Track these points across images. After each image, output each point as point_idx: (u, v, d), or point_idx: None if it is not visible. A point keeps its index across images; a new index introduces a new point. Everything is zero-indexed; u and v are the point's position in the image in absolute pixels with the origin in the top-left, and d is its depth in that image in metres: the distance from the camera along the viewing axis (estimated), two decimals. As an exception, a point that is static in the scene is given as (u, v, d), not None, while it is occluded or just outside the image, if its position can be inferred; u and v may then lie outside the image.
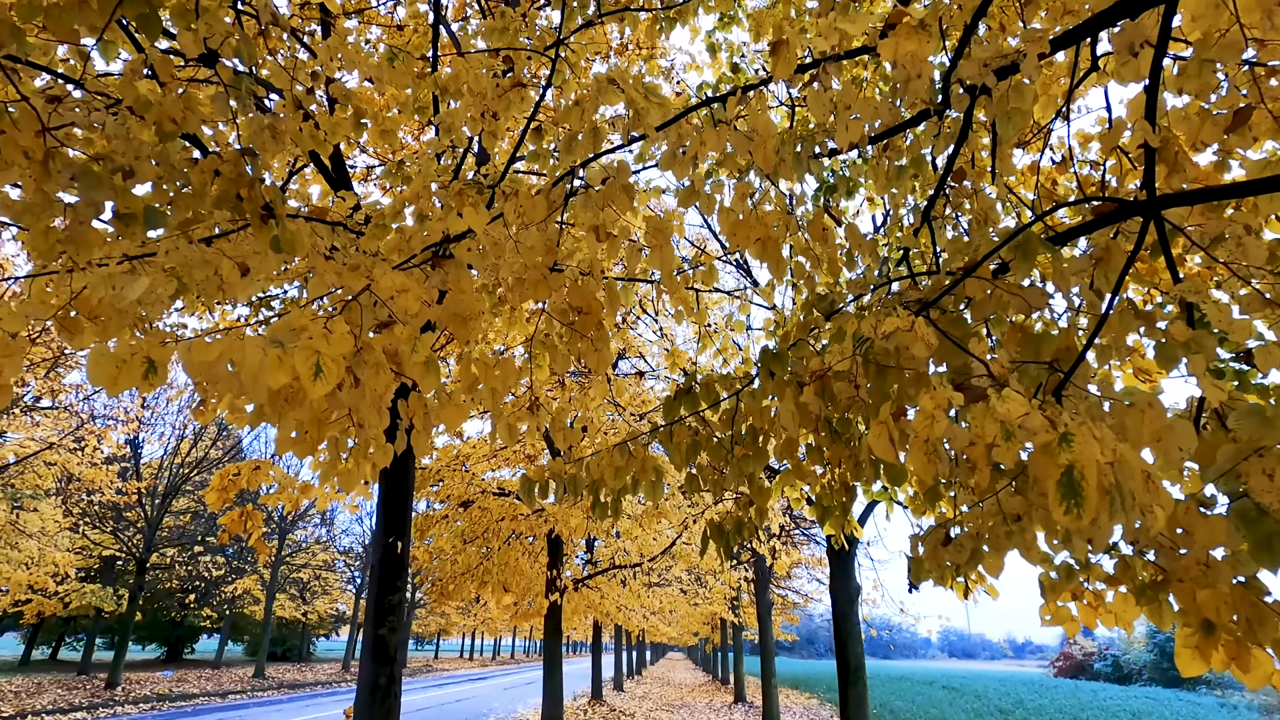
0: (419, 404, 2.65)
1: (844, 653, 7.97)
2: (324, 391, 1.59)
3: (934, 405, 1.50)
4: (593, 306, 2.83)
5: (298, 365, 1.55)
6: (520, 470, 12.30)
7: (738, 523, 3.23)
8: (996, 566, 2.77)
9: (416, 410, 2.65)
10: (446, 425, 2.62)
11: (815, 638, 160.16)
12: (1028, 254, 2.25)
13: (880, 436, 1.65)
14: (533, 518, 9.46)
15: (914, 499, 4.52)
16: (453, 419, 2.61)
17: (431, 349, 2.32)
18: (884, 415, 1.65)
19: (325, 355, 1.61)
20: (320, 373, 1.59)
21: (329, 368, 1.61)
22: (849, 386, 2.31)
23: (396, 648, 4.65)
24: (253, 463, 5.95)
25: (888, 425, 1.64)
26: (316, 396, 1.58)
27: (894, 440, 1.64)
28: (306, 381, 1.56)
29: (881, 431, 1.65)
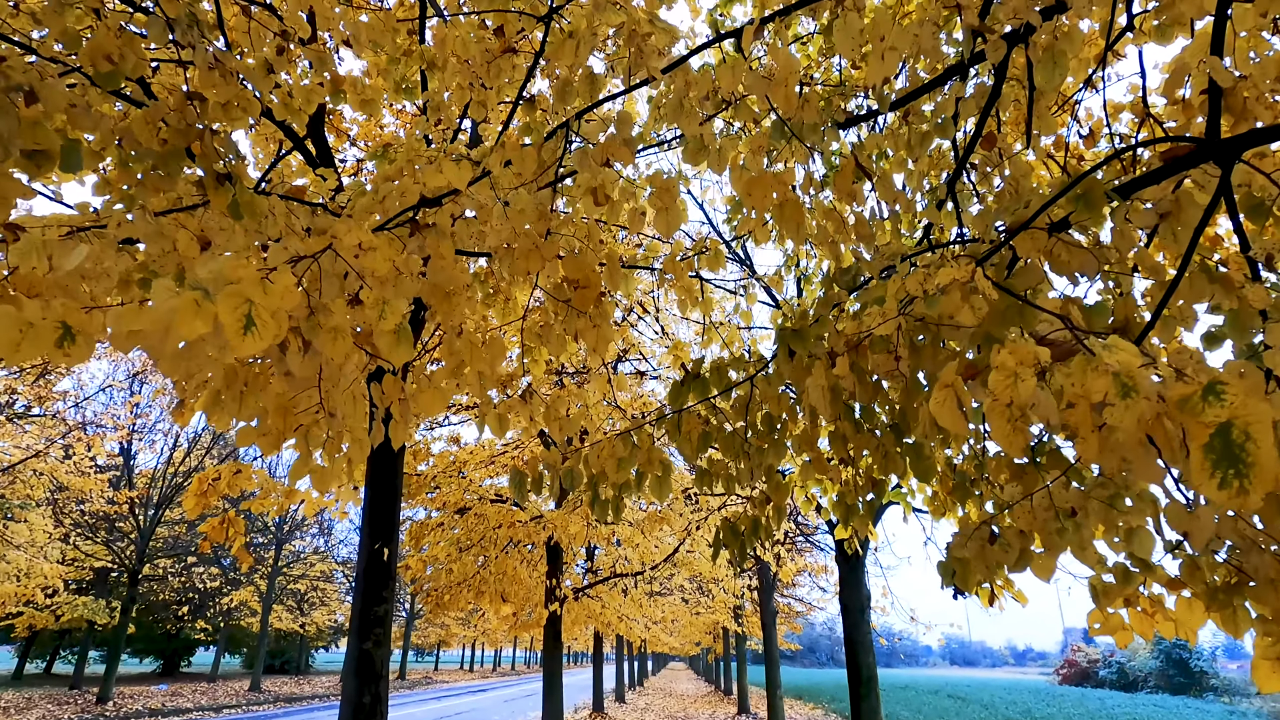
0: (394, 387, 2.34)
1: (855, 663, 7.63)
2: (255, 349, 1.28)
3: (1017, 361, 1.20)
4: (591, 279, 2.53)
5: (221, 313, 1.24)
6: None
7: (754, 523, 2.92)
8: (1048, 568, 2.46)
9: (392, 394, 2.34)
10: (425, 411, 2.31)
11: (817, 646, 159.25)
12: (1092, 203, 1.94)
13: (945, 403, 1.34)
14: (531, 525, 9.12)
15: (933, 500, 4.21)
16: (432, 404, 2.31)
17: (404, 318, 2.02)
18: (949, 377, 1.35)
19: (261, 306, 1.30)
20: (253, 327, 1.28)
21: (264, 322, 1.30)
22: (888, 358, 2.01)
23: (383, 662, 4.33)
24: (233, 465, 5.63)
25: (955, 388, 1.33)
26: (244, 354, 1.27)
27: (964, 406, 1.33)
28: (233, 334, 1.25)
29: (947, 397, 1.34)
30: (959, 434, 1.31)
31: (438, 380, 2.34)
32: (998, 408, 1.19)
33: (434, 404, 2.30)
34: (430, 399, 2.29)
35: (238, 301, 1.28)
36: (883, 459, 2.75)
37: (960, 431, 1.33)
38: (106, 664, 18.13)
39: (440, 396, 2.31)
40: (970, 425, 3.14)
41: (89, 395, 15.48)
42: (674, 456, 12.98)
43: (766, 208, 2.40)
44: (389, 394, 2.34)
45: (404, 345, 1.91)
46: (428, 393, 2.29)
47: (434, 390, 2.30)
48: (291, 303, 1.49)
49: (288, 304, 1.49)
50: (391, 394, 2.35)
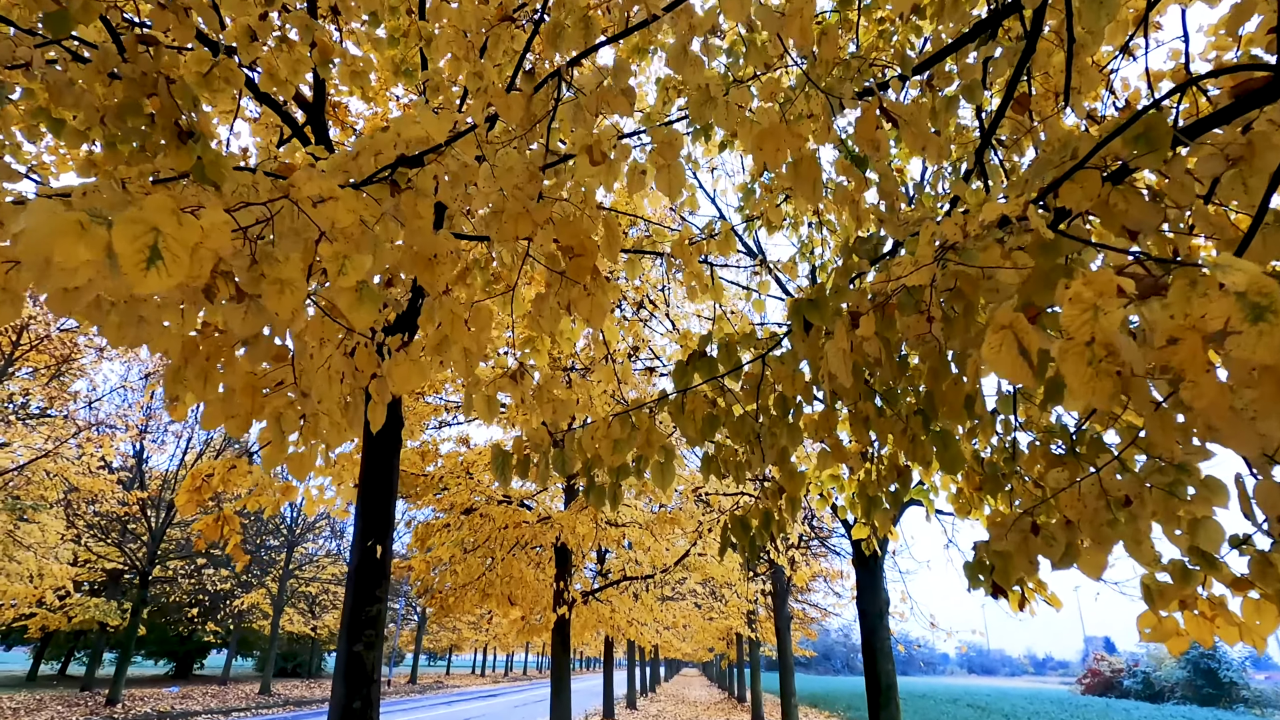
0: (369, 362, 2.13)
1: (874, 671, 7.33)
2: (159, 286, 1.06)
3: (1096, 292, 0.95)
4: (587, 246, 2.30)
5: (117, 241, 1.02)
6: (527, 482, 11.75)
7: (765, 516, 2.67)
8: (1097, 564, 2.20)
9: (366, 369, 2.13)
10: (400, 387, 2.09)
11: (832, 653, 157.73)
12: (1156, 142, 1.69)
13: (1003, 347, 1.09)
14: (538, 526, 8.90)
15: (957, 497, 3.95)
16: (407, 379, 2.09)
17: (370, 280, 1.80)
18: (1006, 316, 1.10)
19: (171, 238, 1.09)
20: (159, 261, 1.06)
21: (174, 256, 1.08)
22: (919, 320, 1.76)
23: (375, 665, 4.11)
24: (227, 461, 5.47)
25: (1015, 329, 1.09)
26: (145, 291, 1.05)
27: (1027, 352, 1.08)
28: (131, 266, 1.03)
29: (1004, 341, 1.09)
30: (1022, 383, 1.06)
31: (414, 352, 2.12)
32: (1074, 349, 0.95)
33: (410, 378, 2.08)
34: (406, 373, 2.07)
35: (140, 230, 1.06)
36: (909, 444, 2.51)
37: (1024, 381, 1.09)
38: (116, 666, 18.09)
39: (417, 370, 2.09)
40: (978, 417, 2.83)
41: (101, 396, 15.48)
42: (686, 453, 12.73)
43: (779, 163, 2.17)
44: (362, 369, 2.13)
45: (367, 306, 1.69)
46: (403, 366, 2.07)
47: (410, 364, 2.08)
48: (219, 243, 1.27)
49: (215, 243, 1.27)
50: (365, 369, 2.13)
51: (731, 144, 5.87)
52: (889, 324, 1.84)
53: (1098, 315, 0.95)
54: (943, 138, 3.43)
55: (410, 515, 10.56)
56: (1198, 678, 38.19)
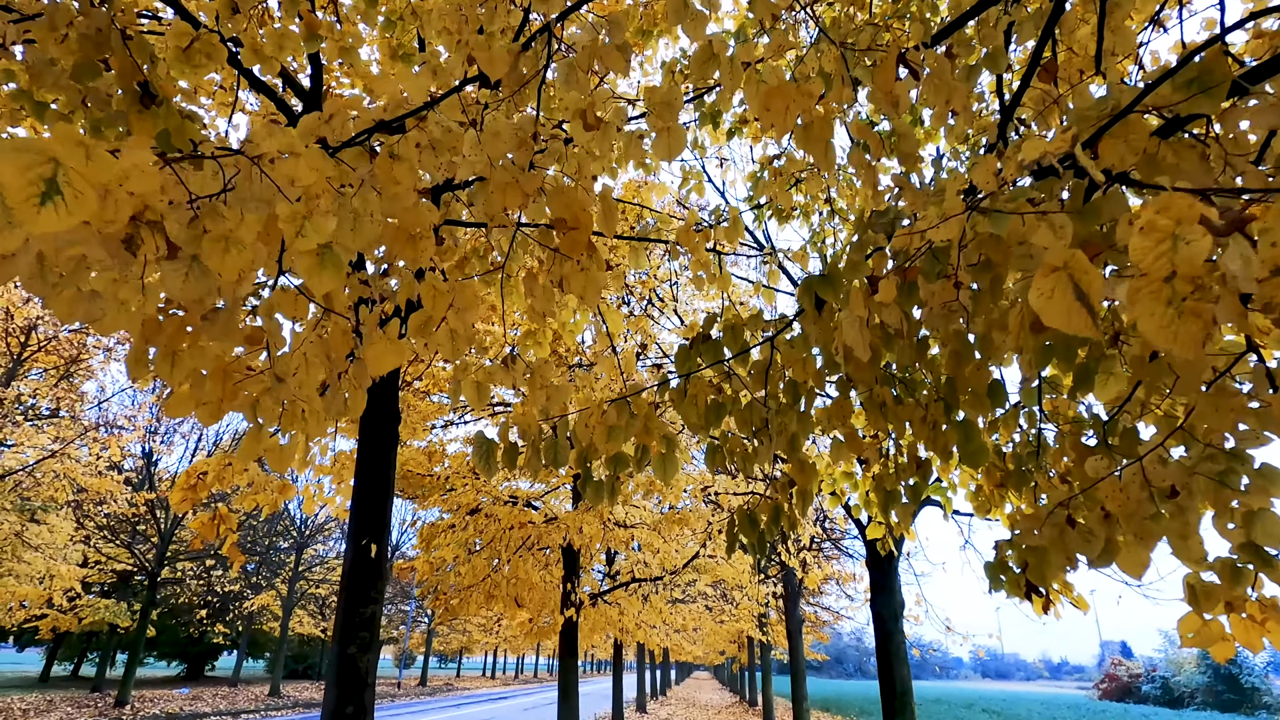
0: (342, 342, 1.97)
1: (889, 675, 7.11)
2: (55, 225, 0.90)
3: (1174, 219, 0.77)
4: (581, 220, 2.13)
5: (4, 171, 0.86)
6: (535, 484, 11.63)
7: (774, 511, 2.49)
8: (1139, 562, 2.01)
9: (339, 351, 1.97)
10: (376, 367, 1.93)
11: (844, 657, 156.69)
12: (1212, 84, 1.51)
13: (1055, 292, 0.91)
14: (545, 526, 8.74)
15: (976, 495, 3.76)
16: (383, 359, 1.92)
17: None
18: (1059, 256, 0.91)
19: (76, 173, 0.93)
20: (56, 196, 0.90)
21: (77, 193, 0.92)
22: (945, 287, 1.58)
23: (369, 669, 3.96)
24: (222, 458, 5.34)
25: (1071, 270, 0.90)
26: (40, 230, 0.89)
27: (1086, 296, 0.89)
28: (19, 200, 0.87)
29: (1058, 286, 0.91)
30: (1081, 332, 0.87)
31: (391, 331, 1.96)
32: (1149, 288, 0.77)
33: (385, 358, 1.92)
34: (381, 353, 1.91)
35: (34, 160, 0.90)
36: (930, 432, 2.32)
37: (1083, 330, 0.90)
38: (125, 667, 18.08)
39: (394, 351, 1.92)
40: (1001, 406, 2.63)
41: (110, 396, 15.48)
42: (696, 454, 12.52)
43: (788, 125, 1.99)
44: (336, 350, 1.97)
45: (329, 272, 1.53)
46: (378, 345, 1.91)
47: (386, 343, 1.91)
48: (143, 187, 1.11)
49: (139, 187, 1.11)
50: (339, 350, 1.97)
51: (740, 131, 5.69)
52: (911, 292, 1.66)
53: (1178, 246, 0.77)
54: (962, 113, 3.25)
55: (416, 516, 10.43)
56: (1218, 683, 37.48)
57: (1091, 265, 0.86)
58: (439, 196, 4.11)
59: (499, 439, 2.05)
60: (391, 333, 1.96)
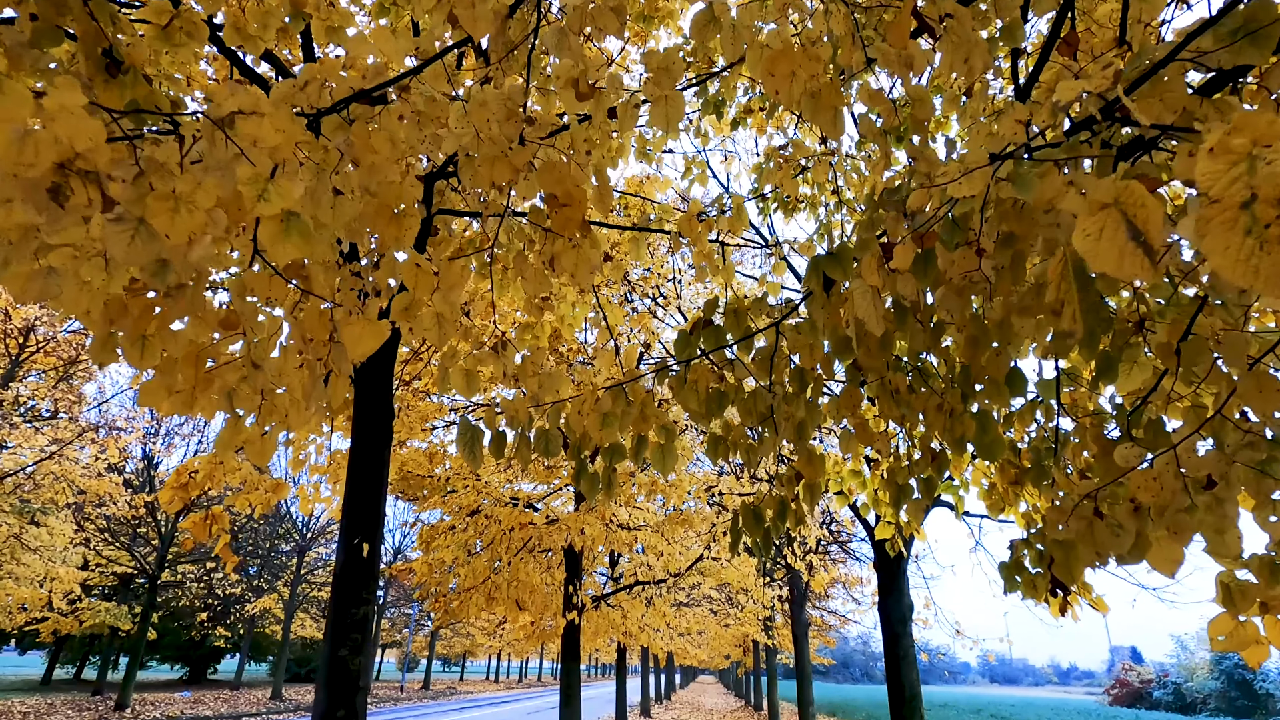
0: (319, 323, 1.85)
1: (897, 680, 6.95)
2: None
3: (1250, 140, 0.64)
4: (575, 196, 2.01)
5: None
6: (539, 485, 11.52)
7: (780, 506, 2.35)
8: (1172, 558, 1.88)
9: (316, 332, 1.85)
10: (354, 348, 1.81)
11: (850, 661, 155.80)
12: (1259, 37, 1.38)
13: (1106, 231, 0.77)
14: (546, 528, 8.61)
15: (989, 494, 3.62)
16: (361, 340, 1.80)
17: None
18: (1109, 192, 0.78)
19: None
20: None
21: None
22: (966, 255, 1.45)
23: (361, 672, 3.83)
24: (213, 456, 5.23)
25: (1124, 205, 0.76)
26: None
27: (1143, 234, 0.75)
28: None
29: (1106, 223, 0.77)
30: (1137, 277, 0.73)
31: (371, 311, 1.83)
32: (1224, 217, 0.64)
33: (364, 340, 1.79)
34: (359, 334, 1.79)
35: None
36: (946, 421, 2.18)
37: (1139, 274, 0.77)
38: (126, 670, 18.00)
39: (373, 332, 1.80)
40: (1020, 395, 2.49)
41: (109, 397, 15.42)
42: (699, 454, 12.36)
43: (795, 95, 1.86)
44: (313, 333, 1.84)
45: (293, 240, 1.41)
46: (356, 326, 1.79)
47: (365, 324, 1.79)
48: (72, 131, 0.99)
49: (66, 131, 0.99)
50: (316, 333, 1.85)
51: (744, 121, 5.57)
52: (928, 264, 1.53)
53: (1256, 167, 0.64)
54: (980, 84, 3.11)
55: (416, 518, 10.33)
56: (1231, 689, 37.04)
57: (1150, 196, 0.73)
58: (432, 184, 3.99)
59: (485, 426, 1.93)
60: (371, 313, 1.84)
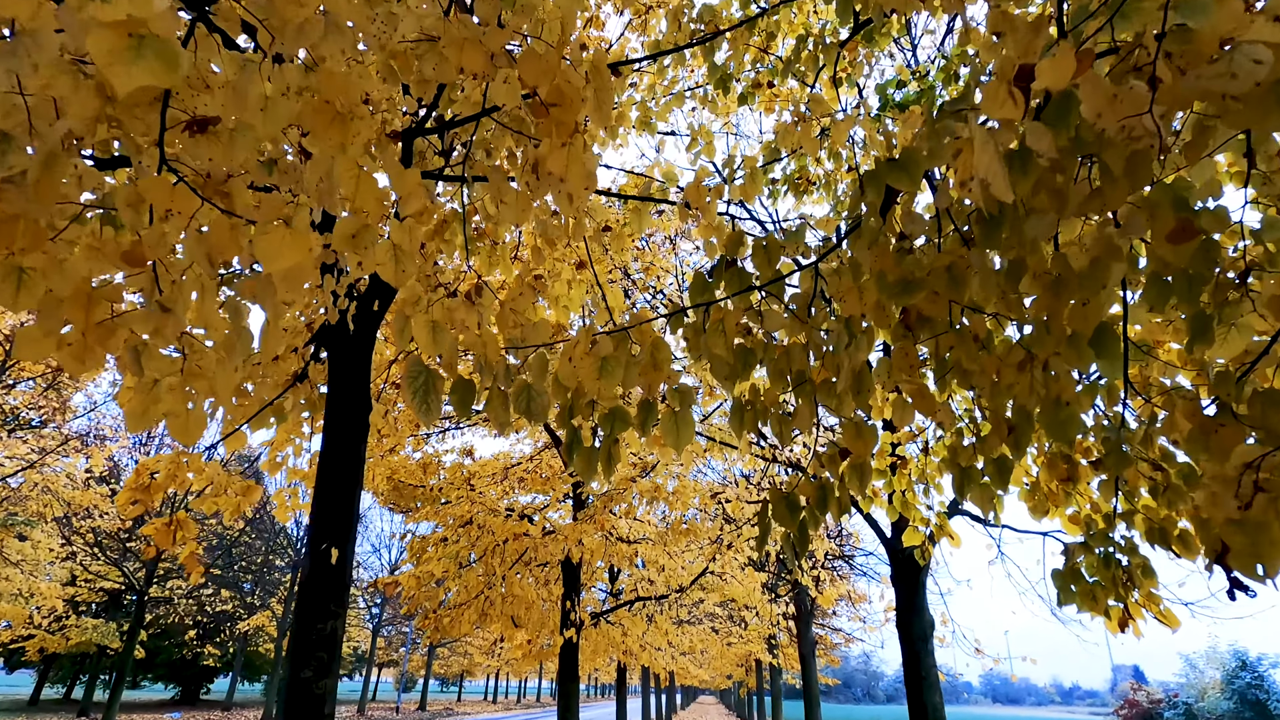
0: (227, 235, 1.41)
1: (919, 702, 6.44)
2: None
3: None
4: (565, 93, 1.58)
5: None
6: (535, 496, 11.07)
7: (820, 491, 1.91)
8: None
9: (223, 248, 1.42)
10: (268, 263, 1.38)
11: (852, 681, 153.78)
12: None
13: None
14: (542, 539, 8.13)
15: (1032, 493, 3.16)
16: (278, 252, 1.37)
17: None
18: None
19: None
20: None
21: None
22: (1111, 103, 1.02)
23: (327, 695, 3.36)
24: (177, 454, 4.78)
25: None
26: None
27: None
28: None
29: None
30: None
31: (303, 223, 1.40)
32: None
33: (282, 252, 1.36)
34: (276, 246, 1.35)
35: None
36: (1033, 378, 1.74)
37: None
38: (110, 690, 17.39)
39: (294, 243, 1.37)
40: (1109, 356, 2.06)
41: (95, 406, 14.97)
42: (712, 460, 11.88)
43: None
44: (220, 249, 1.41)
45: (144, 65, 0.98)
46: (273, 236, 1.35)
47: (284, 234, 1.36)
48: None
49: None
50: (224, 249, 1.41)
51: (752, 97, 5.18)
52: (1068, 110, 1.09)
53: None
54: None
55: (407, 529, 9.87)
56: (1245, 709, 36.13)
57: None
58: (410, 142, 3.58)
59: (444, 370, 1.48)
60: (300, 221, 1.40)
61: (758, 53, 4.88)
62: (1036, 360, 1.72)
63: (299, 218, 1.41)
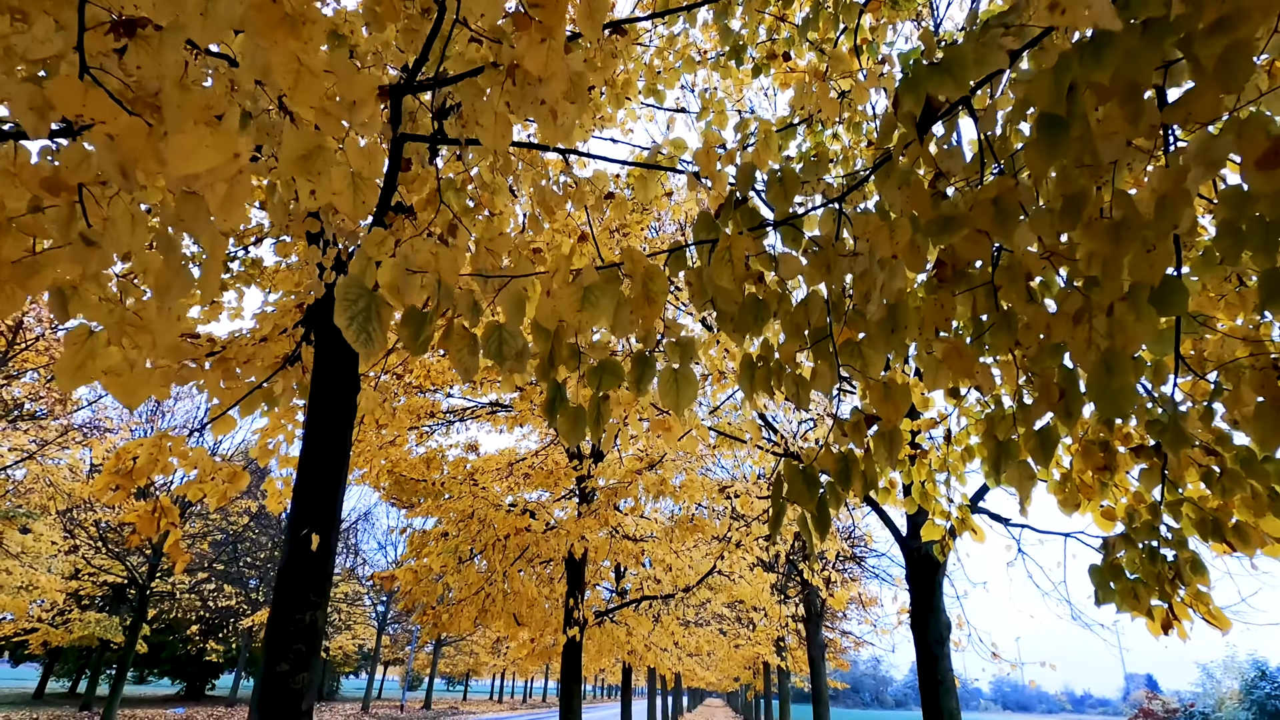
0: (141, 137, 1.19)
1: (935, 708, 6.16)
2: None
3: None
4: (549, -7, 1.35)
5: None
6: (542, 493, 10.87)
7: (842, 463, 1.67)
8: None
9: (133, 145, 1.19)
10: (178, 164, 1.15)
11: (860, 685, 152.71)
12: None
13: None
14: (544, 535, 7.91)
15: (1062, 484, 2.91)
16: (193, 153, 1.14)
17: None
18: None
19: None
20: None
21: None
22: None
23: (306, 691, 3.14)
24: (159, 436, 4.58)
25: None
26: None
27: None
28: None
29: None
30: None
31: (232, 123, 1.17)
32: None
33: (198, 152, 1.13)
34: (192, 144, 1.12)
35: None
36: (1092, 332, 1.50)
37: None
38: (111, 685, 17.29)
39: (213, 144, 1.14)
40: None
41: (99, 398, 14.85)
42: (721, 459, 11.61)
43: None
44: (130, 154, 1.18)
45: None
46: (189, 135, 1.12)
47: (200, 132, 1.13)
48: None
49: None
50: (138, 153, 1.19)
51: (766, 68, 4.94)
52: None
53: None
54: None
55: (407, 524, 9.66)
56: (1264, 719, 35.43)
57: None
58: (399, 100, 3.36)
59: (385, 291, 1.24)
60: (230, 124, 1.17)
61: (773, 21, 4.64)
62: (1096, 308, 1.47)
63: (229, 116, 1.18)
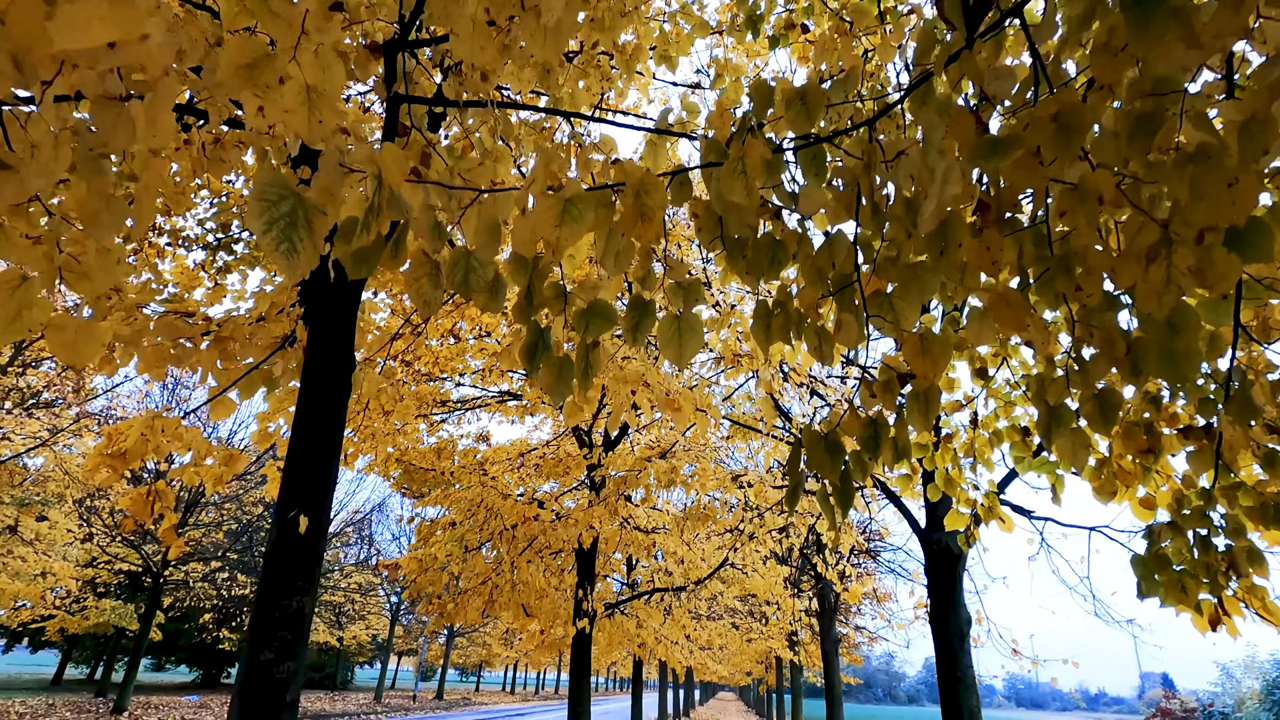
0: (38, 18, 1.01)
1: (954, 705, 5.94)
2: None
3: None
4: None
5: None
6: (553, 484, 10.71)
7: (870, 428, 1.46)
8: None
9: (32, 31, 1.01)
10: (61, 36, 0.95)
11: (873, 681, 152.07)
12: None
13: None
14: (553, 524, 7.74)
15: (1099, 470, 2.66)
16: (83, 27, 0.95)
17: None
18: None
19: None
20: None
21: None
22: None
23: (290, 680, 2.98)
24: (151, 415, 4.43)
25: None
26: None
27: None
28: None
29: None
30: None
31: (140, 7, 0.98)
32: None
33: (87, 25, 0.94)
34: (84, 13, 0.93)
35: None
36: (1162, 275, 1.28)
37: None
38: (125, 672, 17.38)
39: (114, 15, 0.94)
40: None
41: (114, 386, 14.89)
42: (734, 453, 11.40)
43: None
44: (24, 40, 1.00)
45: None
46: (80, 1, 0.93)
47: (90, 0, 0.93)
48: None
49: None
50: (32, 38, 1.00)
51: (784, 39, 4.70)
52: None
53: None
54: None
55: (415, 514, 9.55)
56: (1285, 721, 34.71)
57: None
58: (394, 58, 3.17)
59: (316, 193, 1.04)
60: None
61: (791, -14, 4.40)
62: (1177, 245, 1.25)
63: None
